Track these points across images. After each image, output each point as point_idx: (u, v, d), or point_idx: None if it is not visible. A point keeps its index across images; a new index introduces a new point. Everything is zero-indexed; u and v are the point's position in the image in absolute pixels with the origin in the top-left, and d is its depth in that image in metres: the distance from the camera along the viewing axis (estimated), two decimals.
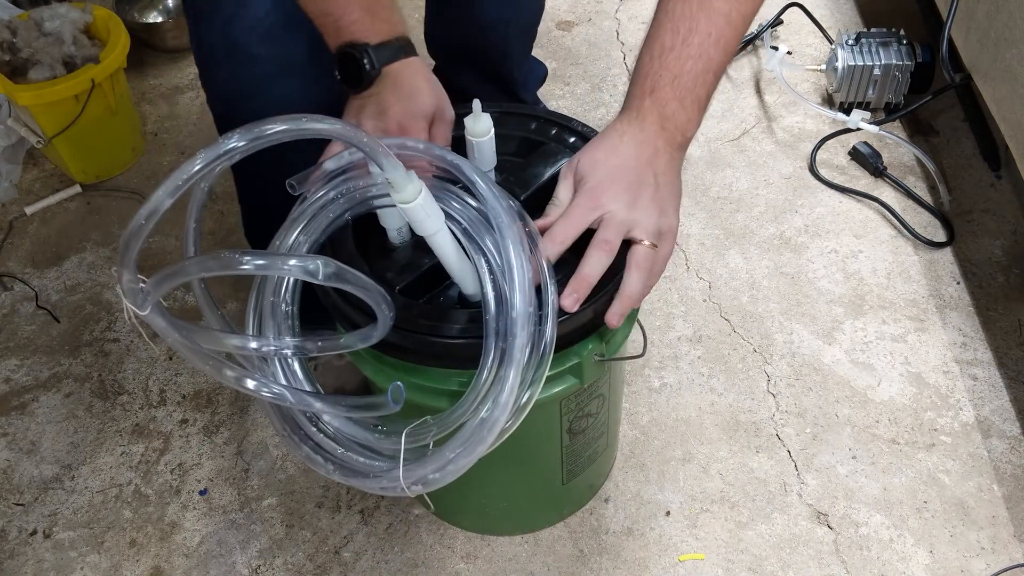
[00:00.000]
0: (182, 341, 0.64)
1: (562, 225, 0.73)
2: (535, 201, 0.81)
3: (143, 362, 1.27)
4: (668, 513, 1.08)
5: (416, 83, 0.80)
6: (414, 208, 0.68)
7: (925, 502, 1.08)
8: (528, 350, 0.67)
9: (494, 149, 0.81)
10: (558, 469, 0.96)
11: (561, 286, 0.72)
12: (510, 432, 0.70)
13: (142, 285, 0.60)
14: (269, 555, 1.08)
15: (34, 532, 1.12)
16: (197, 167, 0.59)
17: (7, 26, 1.43)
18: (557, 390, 0.79)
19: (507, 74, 1.33)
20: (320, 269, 0.62)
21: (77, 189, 1.52)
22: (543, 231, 0.74)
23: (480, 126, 0.79)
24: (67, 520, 1.12)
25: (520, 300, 0.66)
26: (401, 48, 0.79)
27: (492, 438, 0.67)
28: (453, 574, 1.05)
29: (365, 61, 0.77)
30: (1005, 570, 1.02)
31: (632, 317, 0.83)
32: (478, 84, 1.30)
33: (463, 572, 1.05)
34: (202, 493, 1.14)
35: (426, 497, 0.77)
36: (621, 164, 0.74)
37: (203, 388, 1.24)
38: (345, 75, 0.79)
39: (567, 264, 0.74)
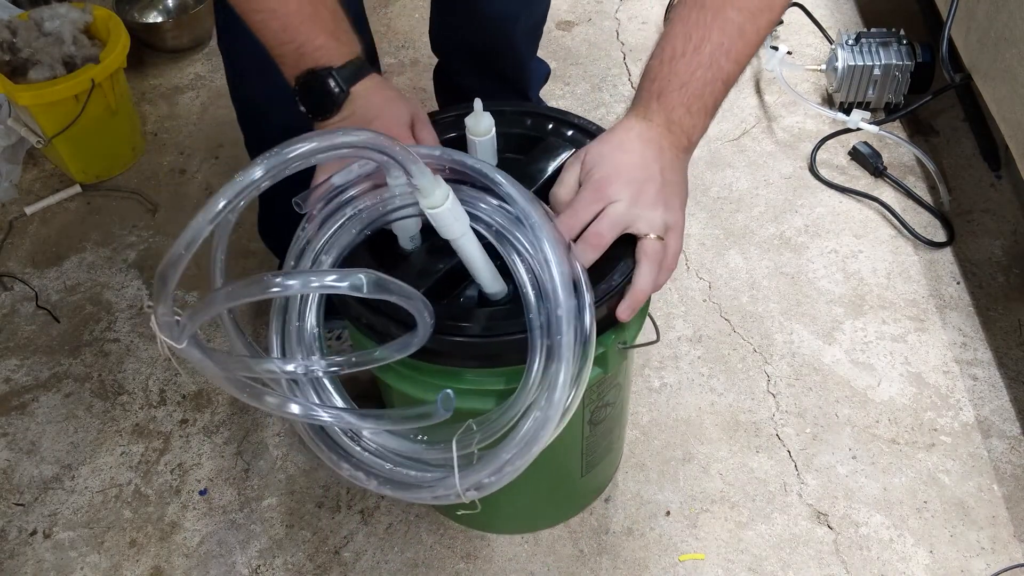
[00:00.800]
0: (220, 373, 0.64)
1: (567, 216, 0.74)
2: (540, 197, 0.81)
3: (143, 362, 1.27)
4: (668, 513, 1.08)
5: (387, 94, 0.79)
6: (442, 213, 0.68)
7: (925, 502, 1.08)
8: (574, 345, 0.67)
9: (495, 147, 0.81)
10: (579, 461, 0.97)
11: None
12: (561, 428, 0.70)
13: (178, 319, 0.60)
14: (269, 555, 1.08)
15: (34, 532, 1.12)
16: (254, 177, 0.60)
17: (7, 26, 1.43)
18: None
19: (513, 73, 1.32)
20: (364, 283, 0.62)
21: (77, 189, 1.52)
22: None
23: (482, 125, 0.79)
24: (67, 520, 1.12)
25: (564, 296, 0.67)
26: (362, 66, 0.79)
27: (548, 436, 0.68)
28: (453, 574, 1.05)
29: (333, 84, 0.76)
30: (1005, 570, 1.02)
31: (644, 309, 0.83)
32: (484, 83, 1.29)
33: (463, 572, 1.05)
34: (202, 493, 1.14)
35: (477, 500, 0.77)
36: (627, 160, 0.75)
37: (203, 388, 1.24)
38: (310, 103, 0.77)
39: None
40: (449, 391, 0.68)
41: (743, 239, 1.37)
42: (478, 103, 0.79)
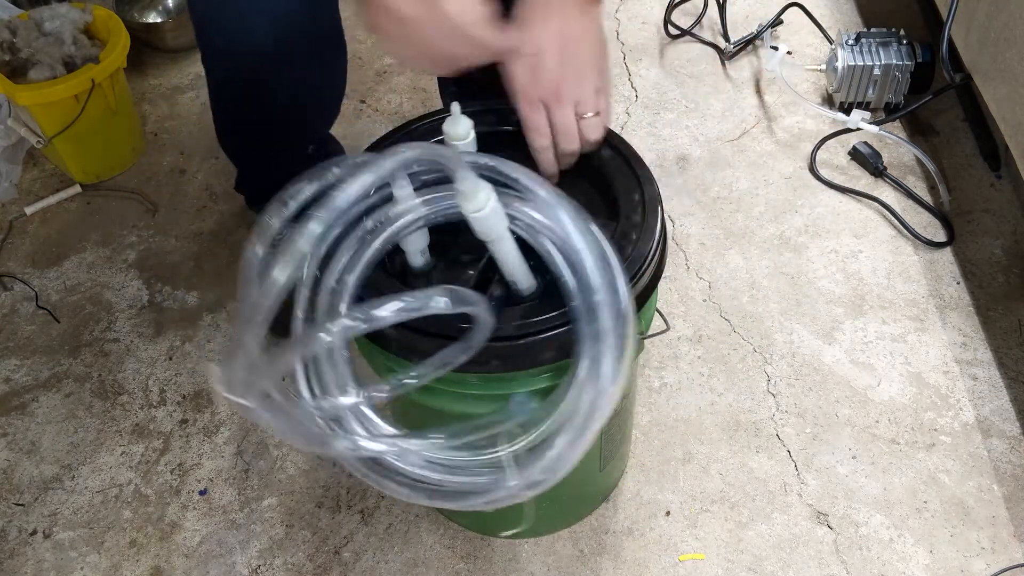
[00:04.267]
0: (288, 429, 0.64)
1: (532, 138, 0.80)
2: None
3: (143, 362, 1.27)
4: (668, 513, 1.08)
5: None
6: (487, 215, 0.68)
7: (925, 502, 1.08)
8: (615, 326, 0.67)
9: (475, 150, 0.81)
10: (597, 455, 0.97)
11: None
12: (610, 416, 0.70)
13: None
14: (269, 555, 1.08)
15: (34, 532, 1.12)
16: (316, 233, 0.61)
17: (7, 26, 1.43)
18: None
19: None
20: (448, 300, 0.63)
21: (77, 189, 1.52)
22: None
23: (460, 129, 0.79)
24: (67, 520, 1.12)
25: (599, 280, 0.67)
26: None
27: (598, 424, 0.68)
28: (453, 574, 1.05)
29: None
30: (1005, 570, 1.02)
31: (652, 304, 0.84)
32: (487, 72, 1.28)
33: (463, 572, 1.05)
34: (202, 493, 1.14)
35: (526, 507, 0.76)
36: (538, 50, 0.78)
37: (203, 388, 1.24)
38: None
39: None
40: (521, 395, 0.68)
41: (743, 239, 1.37)
42: (456, 107, 0.79)
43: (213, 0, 1.01)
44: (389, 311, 0.62)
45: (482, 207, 0.68)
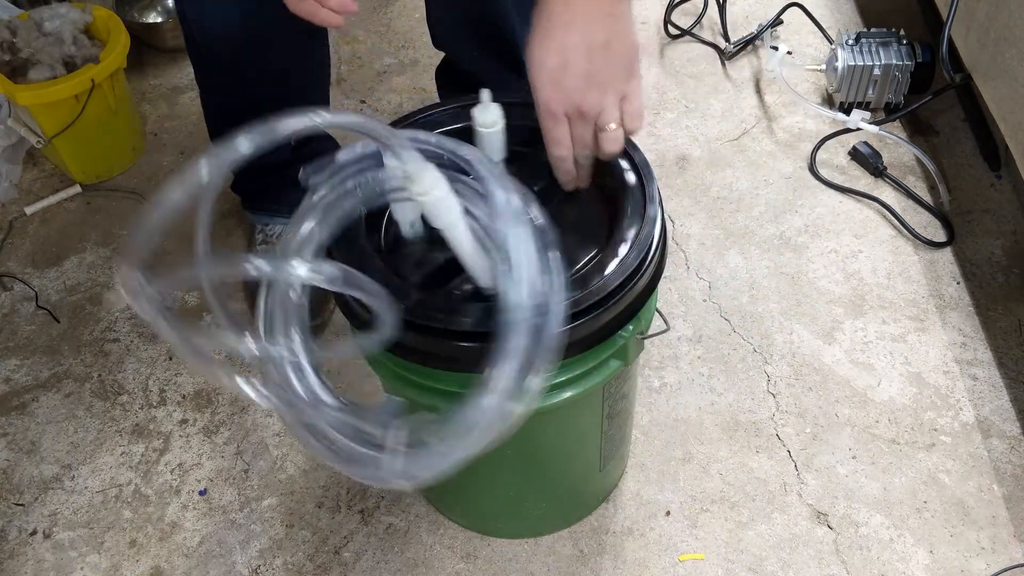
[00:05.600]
0: (181, 344, 0.64)
1: (551, 148, 0.77)
2: (551, 192, 0.82)
3: (143, 362, 1.27)
4: (668, 513, 1.08)
5: None
6: (431, 201, 0.68)
7: (925, 502, 1.08)
8: (525, 347, 0.64)
9: (503, 140, 0.81)
10: (597, 456, 0.98)
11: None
12: (501, 432, 0.67)
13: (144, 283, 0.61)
14: (269, 555, 1.08)
15: (34, 532, 1.12)
16: (240, 151, 0.62)
17: (7, 26, 1.43)
18: (605, 374, 0.81)
19: (512, 49, 1.31)
20: (337, 277, 0.63)
21: (77, 189, 1.52)
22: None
23: (489, 116, 0.79)
24: (67, 520, 1.12)
25: (515, 296, 0.65)
26: None
27: (484, 439, 0.65)
28: (453, 574, 1.05)
29: None
30: (1005, 570, 1.02)
31: (652, 304, 0.84)
32: (486, 64, 1.28)
33: (463, 572, 1.05)
34: (202, 493, 1.14)
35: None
36: (562, 61, 0.74)
37: (203, 388, 1.24)
38: None
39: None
40: (396, 398, 0.68)
41: (743, 239, 1.37)
42: (486, 94, 0.78)
43: None
44: (271, 268, 0.64)
45: (427, 192, 0.67)
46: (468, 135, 0.82)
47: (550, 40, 0.74)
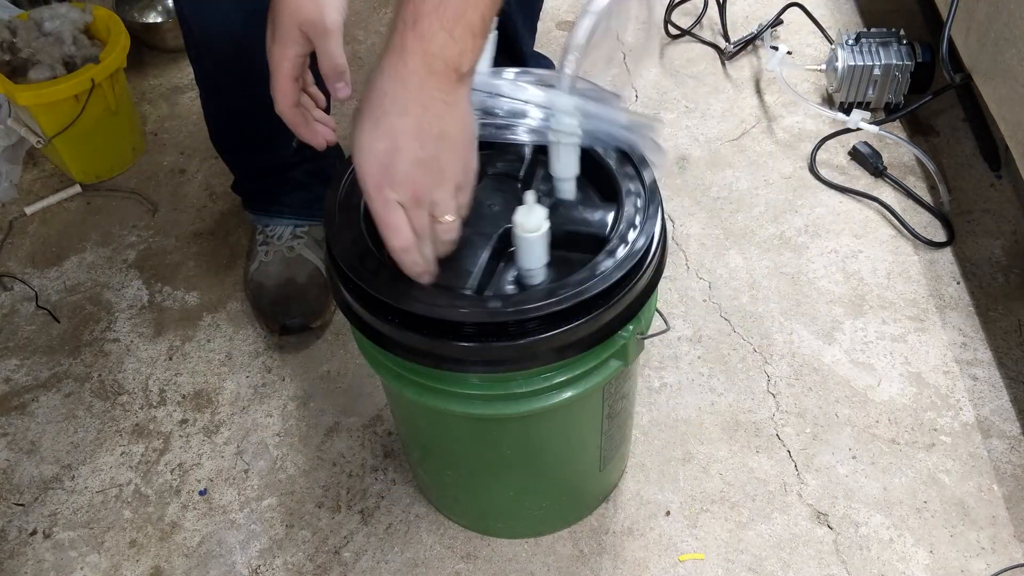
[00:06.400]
0: None
1: (390, 239, 0.71)
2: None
3: (143, 362, 1.27)
4: (668, 513, 1.08)
5: None
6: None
7: (925, 502, 1.08)
8: None
9: (548, 242, 0.78)
10: (597, 456, 0.98)
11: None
12: None
13: None
14: (269, 555, 1.08)
15: (34, 532, 1.12)
16: None
17: (7, 26, 1.43)
18: (605, 374, 0.81)
19: (512, 46, 1.32)
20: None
21: (77, 189, 1.52)
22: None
23: (533, 220, 0.75)
24: (67, 520, 1.12)
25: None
26: None
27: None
28: (453, 574, 1.05)
29: None
30: (1005, 570, 1.02)
31: (652, 304, 0.84)
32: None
33: (463, 572, 1.05)
34: (202, 493, 1.14)
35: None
36: (393, 147, 0.68)
37: (203, 388, 1.24)
38: None
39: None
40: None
41: (743, 239, 1.37)
42: (530, 196, 0.75)
43: None
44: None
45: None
46: None
47: (380, 125, 0.67)
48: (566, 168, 0.82)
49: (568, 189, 0.84)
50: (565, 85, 0.77)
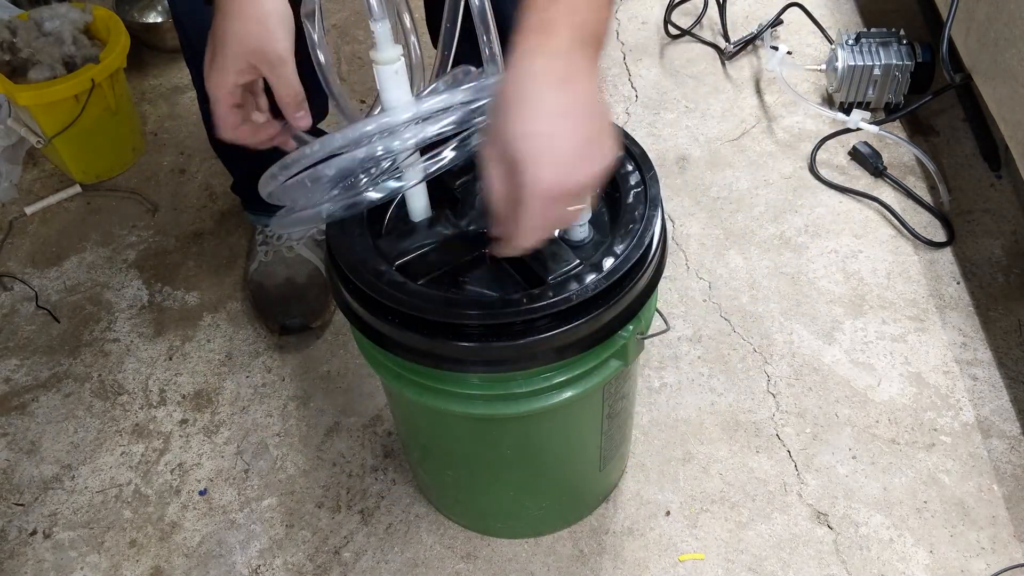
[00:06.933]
0: None
1: (519, 237, 0.65)
2: None
3: (143, 362, 1.27)
4: (668, 513, 1.08)
5: (262, 11, 0.73)
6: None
7: (925, 502, 1.08)
8: None
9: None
10: (597, 456, 0.98)
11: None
12: None
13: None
14: (269, 555, 1.08)
15: (34, 532, 1.12)
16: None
17: (7, 26, 1.43)
18: (605, 374, 0.81)
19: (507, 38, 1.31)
20: None
21: (77, 189, 1.52)
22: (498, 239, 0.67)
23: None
24: (67, 520, 1.12)
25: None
26: None
27: None
28: (453, 574, 1.05)
29: None
30: (1005, 570, 1.02)
31: (652, 304, 0.84)
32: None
33: (463, 572, 1.05)
34: (202, 493, 1.14)
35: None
36: (552, 130, 0.61)
37: (203, 388, 1.24)
38: None
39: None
40: None
41: (743, 239, 1.37)
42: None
43: None
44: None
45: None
46: None
47: (537, 107, 0.62)
48: None
49: None
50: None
